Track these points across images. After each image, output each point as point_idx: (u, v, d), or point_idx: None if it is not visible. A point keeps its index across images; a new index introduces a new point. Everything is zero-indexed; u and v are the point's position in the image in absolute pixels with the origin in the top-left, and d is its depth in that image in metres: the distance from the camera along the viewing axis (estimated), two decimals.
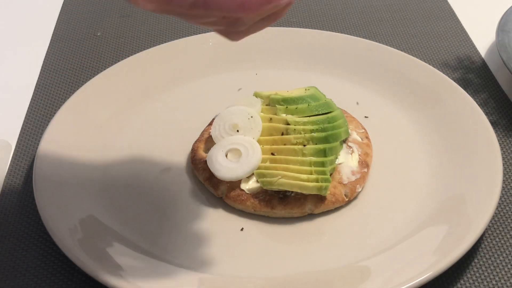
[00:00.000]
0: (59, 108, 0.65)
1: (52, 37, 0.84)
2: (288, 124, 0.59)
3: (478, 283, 0.52)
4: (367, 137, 0.63)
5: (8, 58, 0.81)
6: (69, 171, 0.59)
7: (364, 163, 0.59)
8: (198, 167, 0.59)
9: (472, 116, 0.63)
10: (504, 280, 0.52)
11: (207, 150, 0.60)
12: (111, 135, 0.64)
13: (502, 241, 0.55)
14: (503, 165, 0.58)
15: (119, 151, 0.63)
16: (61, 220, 0.53)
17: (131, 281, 0.49)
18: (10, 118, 0.70)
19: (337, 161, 0.58)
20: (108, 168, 0.61)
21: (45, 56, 0.80)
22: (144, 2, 0.37)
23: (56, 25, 0.87)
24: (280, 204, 0.55)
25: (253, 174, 0.57)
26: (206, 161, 0.58)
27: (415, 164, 0.61)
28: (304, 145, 0.57)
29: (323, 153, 0.56)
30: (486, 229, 0.55)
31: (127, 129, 0.66)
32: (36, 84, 0.75)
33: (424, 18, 0.88)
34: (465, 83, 0.74)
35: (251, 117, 0.59)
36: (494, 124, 0.65)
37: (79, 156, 0.61)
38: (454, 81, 0.70)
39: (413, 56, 0.74)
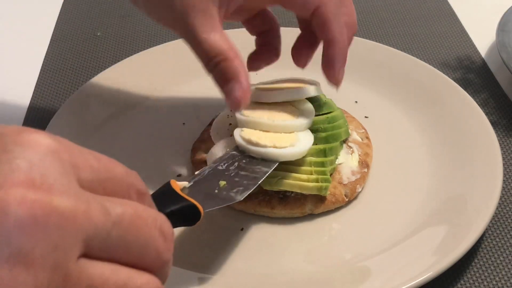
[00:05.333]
0: (59, 108, 0.65)
1: (52, 37, 0.84)
2: None
3: (478, 283, 0.52)
4: (367, 137, 0.63)
5: (8, 58, 0.81)
6: None
7: (364, 163, 0.59)
8: (198, 167, 0.59)
9: (472, 116, 0.63)
10: (504, 280, 0.52)
11: (207, 150, 0.60)
12: (111, 135, 0.64)
13: (502, 241, 0.55)
14: (503, 165, 0.58)
15: (119, 151, 0.63)
16: None
17: None
18: (10, 118, 0.70)
19: (337, 161, 0.58)
20: None
21: (45, 56, 0.80)
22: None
23: (56, 25, 0.87)
24: (280, 204, 0.55)
25: None
26: (206, 161, 0.58)
27: (415, 164, 0.61)
28: None
29: (323, 153, 0.56)
30: (486, 229, 0.55)
31: (127, 129, 0.66)
32: (36, 84, 0.75)
33: (424, 18, 0.88)
34: (465, 83, 0.74)
35: None
36: (494, 124, 0.65)
37: None
38: (454, 81, 0.70)
39: (413, 56, 0.74)
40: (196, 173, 0.50)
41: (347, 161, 0.59)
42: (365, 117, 0.67)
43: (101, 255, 0.29)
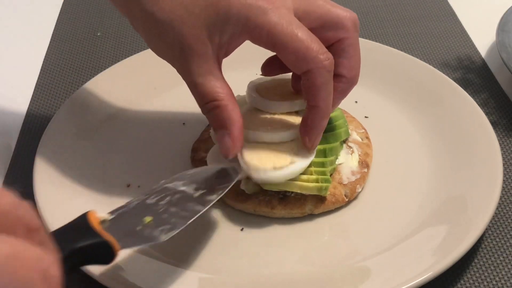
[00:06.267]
0: (59, 108, 0.65)
1: (52, 37, 0.84)
2: None
3: (478, 283, 0.52)
4: (367, 137, 0.63)
5: (8, 58, 0.81)
6: (69, 171, 0.59)
7: (364, 163, 0.59)
8: (198, 167, 0.59)
9: (472, 116, 0.63)
10: (504, 280, 0.52)
11: (207, 150, 0.60)
12: (111, 135, 0.64)
13: (502, 241, 0.55)
14: (503, 165, 0.58)
15: (119, 151, 0.63)
16: (61, 220, 0.53)
17: (130, 281, 0.49)
18: (10, 118, 0.70)
19: (337, 162, 0.58)
20: (108, 168, 0.61)
21: (45, 56, 0.80)
22: None
23: (56, 25, 0.87)
24: (280, 204, 0.55)
25: None
26: (206, 161, 0.58)
27: (415, 164, 0.61)
28: None
29: (323, 153, 0.56)
30: (486, 229, 0.55)
31: (127, 129, 0.66)
32: (36, 84, 0.75)
33: (424, 18, 0.88)
34: (465, 83, 0.74)
35: None
36: (494, 124, 0.65)
37: (79, 156, 0.61)
38: (454, 81, 0.70)
39: (413, 56, 0.74)
40: (122, 205, 0.46)
41: (347, 161, 0.59)
42: (365, 117, 0.67)
43: None
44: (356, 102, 0.69)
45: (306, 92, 0.52)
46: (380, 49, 0.74)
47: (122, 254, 0.52)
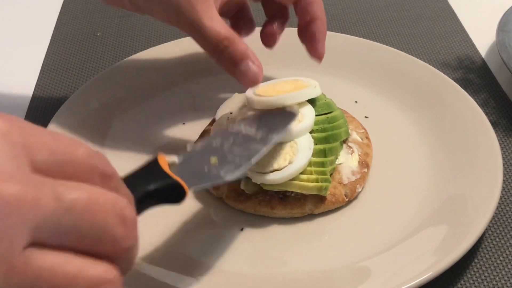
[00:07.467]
0: (59, 108, 0.65)
1: (52, 37, 0.84)
2: None
3: (478, 283, 0.52)
4: (367, 137, 0.63)
5: (8, 58, 0.81)
6: None
7: (364, 163, 0.59)
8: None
9: (472, 116, 0.63)
10: (504, 280, 0.52)
11: None
12: (111, 135, 0.64)
13: (502, 241, 0.55)
14: (503, 165, 0.58)
15: (119, 151, 0.63)
16: None
17: (129, 282, 0.49)
18: None
19: (337, 161, 0.58)
20: None
21: (45, 56, 0.80)
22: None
23: (56, 25, 0.87)
24: (280, 204, 0.55)
25: None
26: None
27: (415, 164, 0.61)
28: None
29: (323, 153, 0.56)
30: (486, 229, 0.55)
31: (127, 129, 0.66)
32: (36, 84, 0.75)
33: (424, 18, 0.88)
34: (465, 83, 0.74)
35: None
36: (494, 124, 0.65)
37: None
38: (454, 81, 0.69)
39: (413, 56, 0.74)
40: (188, 148, 0.48)
41: (347, 161, 0.59)
42: (365, 117, 0.67)
43: (52, 243, 0.27)
44: (356, 102, 0.69)
45: (305, 10, 0.61)
46: (380, 49, 0.74)
47: None
